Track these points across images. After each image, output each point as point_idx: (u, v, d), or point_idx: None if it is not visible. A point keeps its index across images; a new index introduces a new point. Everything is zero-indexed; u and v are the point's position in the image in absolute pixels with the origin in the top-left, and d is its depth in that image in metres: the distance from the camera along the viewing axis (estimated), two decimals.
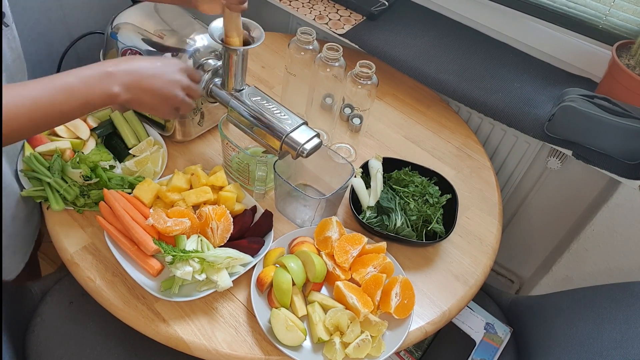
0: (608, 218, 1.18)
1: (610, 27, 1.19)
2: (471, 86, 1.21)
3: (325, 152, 0.99)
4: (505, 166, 1.36)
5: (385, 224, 0.98)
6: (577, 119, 1.06)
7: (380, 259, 0.91)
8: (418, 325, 0.90)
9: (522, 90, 1.20)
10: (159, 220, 0.88)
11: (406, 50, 1.29)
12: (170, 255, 0.83)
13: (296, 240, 0.95)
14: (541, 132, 1.13)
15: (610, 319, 0.96)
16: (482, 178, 1.17)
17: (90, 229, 0.94)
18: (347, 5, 1.41)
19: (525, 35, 1.30)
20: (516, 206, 1.44)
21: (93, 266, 0.89)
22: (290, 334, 0.81)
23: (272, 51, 1.42)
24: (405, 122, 1.28)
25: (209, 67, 0.99)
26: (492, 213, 1.10)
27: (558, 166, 1.25)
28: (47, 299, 1.04)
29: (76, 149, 1.00)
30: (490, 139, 1.34)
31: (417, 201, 1.01)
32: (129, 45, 1.01)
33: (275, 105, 0.95)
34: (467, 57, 1.29)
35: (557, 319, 1.06)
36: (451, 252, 1.02)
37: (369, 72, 1.00)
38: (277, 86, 1.31)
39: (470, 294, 0.96)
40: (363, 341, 0.82)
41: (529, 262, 1.51)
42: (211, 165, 1.08)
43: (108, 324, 0.98)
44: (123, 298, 0.86)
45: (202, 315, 0.86)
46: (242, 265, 0.89)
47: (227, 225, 0.90)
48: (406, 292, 0.88)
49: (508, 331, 1.13)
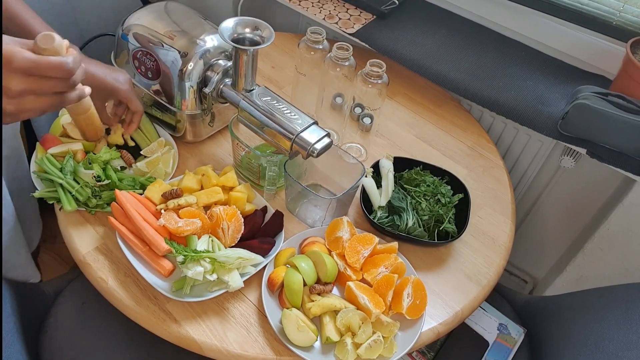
0: (623, 217, 1.16)
1: (624, 24, 1.17)
2: (483, 84, 1.20)
3: (336, 151, 0.99)
4: (518, 165, 1.35)
5: (397, 224, 0.97)
6: (591, 117, 1.05)
7: (391, 259, 0.91)
8: (430, 326, 0.89)
9: (535, 88, 1.19)
10: (170, 221, 0.88)
11: (417, 49, 1.29)
12: (182, 256, 0.83)
13: (307, 240, 0.95)
14: (554, 130, 1.12)
15: (625, 320, 0.95)
16: (495, 177, 1.16)
17: (102, 229, 0.95)
18: (357, 4, 1.41)
19: (537, 32, 1.28)
20: (529, 205, 1.42)
21: (105, 267, 0.90)
22: (301, 334, 0.81)
23: (282, 51, 1.42)
24: (417, 121, 1.27)
25: (219, 68, 1.00)
26: (505, 212, 1.09)
27: (572, 165, 1.24)
28: (59, 300, 1.04)
29: (88, 150, 1.01)
30: (503, 138, 1.33)
31: (429, 201, 1.00)
32: (139, 47, 1.02)
33: (285, 105, 0.95)
34: (479, 55, 1.28)
35: (572, 320, 1.05)
36: (463, 252, 1.01)
37: (380, 71, 1.00)
38: (287, 86, 1.30)
39: (483, 295, 0.95)
40: (375, 342, 0.81)
41: (542, 262, 1.50)
42: (222, 166, 1.08)
43: (120, 325, 0.99)
44: (135, 298, 0.86)
45: (213, 316, 0.86)
46: (253, 265, 0.89)
47: (238, 226, 0.90)
48: (418, 293, 0.87)
49: (522, 332, 1.12)
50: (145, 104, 1.10)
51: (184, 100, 1.02)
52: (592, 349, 0.95)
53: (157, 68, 1.01)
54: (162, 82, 1.02)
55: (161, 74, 1.01)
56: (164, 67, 1.00)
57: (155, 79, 1.03)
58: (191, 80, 0.99)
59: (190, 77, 0.99)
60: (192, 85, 1.00)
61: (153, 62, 1.01)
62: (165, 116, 1.08)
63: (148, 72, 1.03)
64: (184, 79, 0.99)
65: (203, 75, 1.00)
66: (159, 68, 1.00)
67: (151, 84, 1.04)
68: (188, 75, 0.99)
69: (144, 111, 1.09)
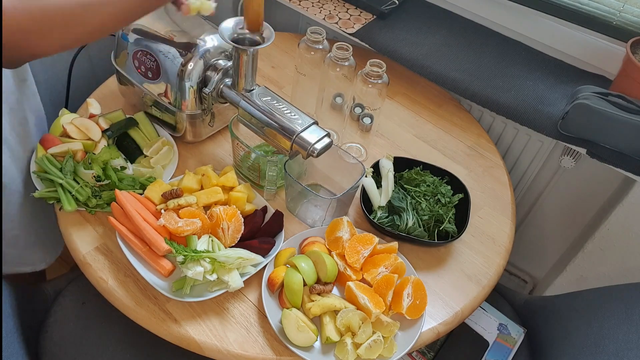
0: (623, 217, 1.16)
1: (624, 24, 1.17)
2: (483, 84, 1.20)
3: (336, 151, 0.99)
4: (518, 165, 1.35)
5: (397, 224, 0.97)
6: (591, 117, 1.05)
7: (391, 259, 0.91)
8: (430, 326, 0.89)
9: (535, 88, 1.19)
10: (170, 221, 0.88)
11: (417, 48, 1.29)
12: (182, 255, 0.83)
13: (307, 240, 0.95)
14: (554, 130, 1.12)
15: (625, 320, 0.95)
16: (495, 177, 1.16)
17: (102, 229, 0.95)
18: (357, 4, 1.41)
19: (537, 32, 1.28)
20: (529, 205, 1.42)
21: (105, 267, 0.90)
22: (301, 334, 0.81)
23: (282, 51, 1.42)
24: (417, 121, 1.27)
25: (219, 68, 1.00)
26: (505, 212, 1.09)
27: (572, 165, 1.24)
28: (60, 300, 1.04)
29: (88, 150, 1.01)
30: (503, 138, 1.33)
31: (429, 201, 1.00)
32: (139, 47, 1.02)
33: (285, 105, 0.95)
34: (479, 55, 1.28)
35: (572, 320, 1.05)
36: (463, 252, 1.01)
37: (380, 71, 1.00)
38: (287, 86, 1.30)
39: (483, 295, 0.95)
40: (375, 342, 0.81)
41: (542, 262, 1.50)
42: (222, 166, 1.08)
43: (120, 325, 0.99)
44: (135, 298, 0.86)
45: (213, 316, 0.86)
46: (253, 265, 0.89)
47: (237, 226, 0.90)
48: (418, 293, 0.87)
49: (522, 332, 1.12)
50: (145, 104, 1.10)
51: (184, 100, 1.02)
52: (593, 348, 0.94)
53: (157, 68, 1.01)
54: (162, 82, 1.02)
55: (161, 74, 1.01)
56: (164, 67, 1.00)
57: (155, 79, 1.03)
58: (191, 80, 0.99)
59: (190, 77, 0.99)
60: (192, 85, 1.00)
61: (153, 62, 1.01)
62: (165, 116, 1.08)
63: (148, 72, 1.03)
64: (184, 79, 0.99)
65: (203, 75, 1.00)
66: (159, 68, 1.00)
67: (151, 84, 1.04)
68: (188, 75, 0.98)
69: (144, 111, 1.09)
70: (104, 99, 1.18)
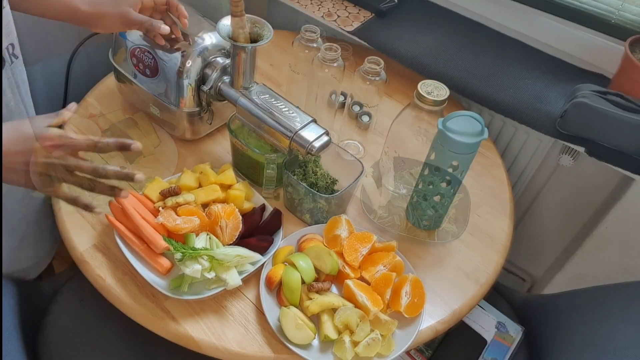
0: (621, 215, 1.16)
1: (623, 22, 1.17)
2: (481, 83, 1.20)
3: (334, 149, 0.99)
4: (517, 163, 1.35)
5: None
6: (590, 116, 1.05)
7: (390, 258, 0.91)
8: (428, 324, 0.89)
9: (533, 87, 1.19)
10: (169, 219, 0.88)
11: (415, 47, 1.28)
12: (180, 253, 0.83)
13: (305, 237, 0.95)
14: (553, 129, 1.12)
15: (624, 319, 0.95)
16: (493, 175, 1.16)
17: (100, 227, 0.95)
18: (356, 2, 1.40)
19: (536, 30, 1.28)
20: (528, 204, 1.42)
21: (103, 264, 0.90)
22: (300, 332, 0.81)
23: (281, 49, 1.41)
24: None
25: (217, 65, 0.99)
26: (504, 211, 1.09)
27: (570, 163, 1.24)
28: (57, 298, 1.04)
29: None
30: (501, 136, 1.33)
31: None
32: (137, 44, 1.02)
33: (283, 103, 0.95)
34: (477, 53, 1.28)
35: (570, 318, 1.05)
36: (462, 250, 1.01)
37: (378, 69, 1.00)
38: (285, 84, 1.30)
39: (482, 293, 0.95)
40: (373, 340, 0.81)
41: (541, 261, 1.50)
42: (220, 164, 1.08)
43: (118, 323, 0.98)
44: (133, 296, 0.86)
45: (211, 314, 0.86)
46: (252, 263, 0.89)
47: (236, 224, 0.90)
48: (416, 291, 0.87)
49: (520, 330, 1.12)
50: (143, 102, 1.10)
51: (182, 98, 1.01)
52: (591, 347, 0.95)
53: (155, 66, 1.01)
54: (160, 79, 1.01)
55: (159, 72, 1.01)
56: (162, 64, 0.99)
57: (153, 77, 1.02)
58: (189, 78, 0.99)
59: (188, 75, 0.99)
60: (190, 83, 0.99)
61: (151, 59, 1.01)
62: (163, 114, 1.08)
63: (146, 69, 1.03)
64: (182, 76, 0.99)
65: (201, 73, 1.00)
66: (157, 66, 1.00)
67: (149, 82, 1.04)
68: (186, 73, 0.98)
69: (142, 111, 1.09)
70: (102, 97, 1.18)
